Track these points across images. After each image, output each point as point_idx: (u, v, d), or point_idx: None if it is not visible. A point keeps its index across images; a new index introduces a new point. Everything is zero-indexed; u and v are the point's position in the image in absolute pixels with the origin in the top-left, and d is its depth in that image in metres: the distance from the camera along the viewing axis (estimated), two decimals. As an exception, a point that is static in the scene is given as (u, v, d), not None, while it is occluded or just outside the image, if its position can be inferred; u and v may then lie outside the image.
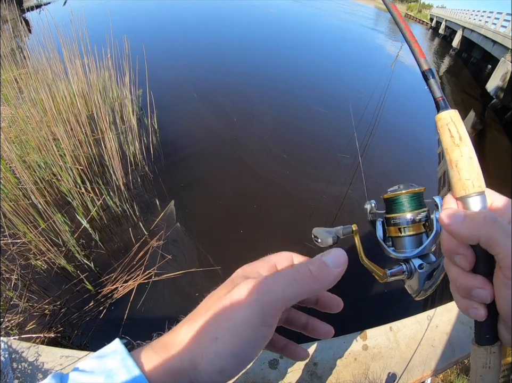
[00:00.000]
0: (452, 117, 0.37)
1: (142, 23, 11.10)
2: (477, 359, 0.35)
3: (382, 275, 0.45)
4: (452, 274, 0.35)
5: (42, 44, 4.06)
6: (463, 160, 0.35)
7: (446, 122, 0.37)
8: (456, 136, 0.36)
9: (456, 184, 0.35)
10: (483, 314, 0.33)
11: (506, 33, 12.18)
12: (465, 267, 0.33)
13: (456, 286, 0.34)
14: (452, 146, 0.36)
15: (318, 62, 10.53)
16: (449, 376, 2.42)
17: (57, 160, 3.32)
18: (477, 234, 0.31)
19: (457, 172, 0.35)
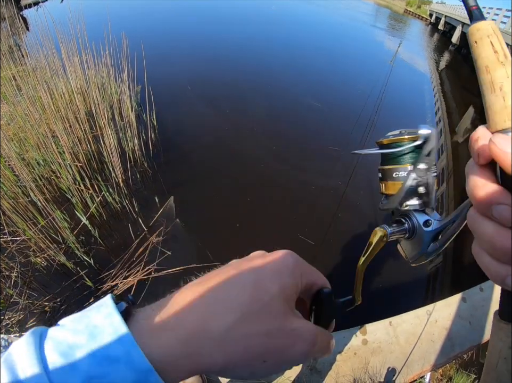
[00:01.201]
0: (494, 29, 0.29)
1: (140, 20, 11.06)
2: (503, 338, 0.29)
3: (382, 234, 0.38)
4: (487, 233, 0.27)
5: (40, 41, 4.05)
6: (509, 83, 0.27)
7: (488, 33, 0.29)
8: (500, 52, 0.28)
9: (499, 113, 0.27)
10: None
11: (506, 29, 12.15)
12: (509, 222, 0.25)
13: (493, 247, 0.27)
14: (495, 63, 0.28)
15: (315, 57, 10.51)
16: (449, 371, 2.43)
17: (56, 157, 3.32)
18: None
19: (502, 97, 0.27)
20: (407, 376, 2.25)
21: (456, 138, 7.20)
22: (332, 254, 3.46)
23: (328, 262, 3.35)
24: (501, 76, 0.27)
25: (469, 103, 9.95)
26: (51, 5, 7.47)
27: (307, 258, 1.23)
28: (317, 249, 3.45)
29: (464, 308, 2.59)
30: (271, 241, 3.50)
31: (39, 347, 0.24)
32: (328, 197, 4.27)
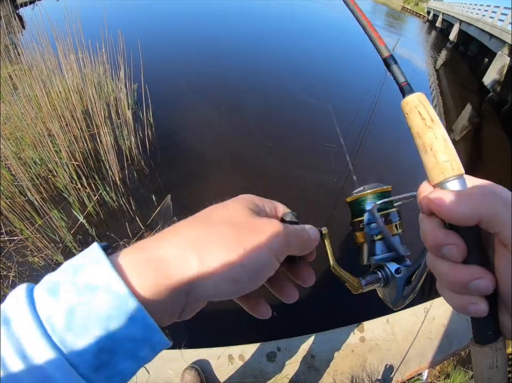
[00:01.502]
0: (419, 99, 0.34)
1: (136, 17, 11.02)
2: (481, 360, 0.31)
3: (357, 286, 0.42)
4: (441, 270, 0.30)
5: (36, 40, 4.02)
6: (438, 142, 0.32)
7: (415, 105, 0.34)
8: (427, 118, 0.33)
9: (433, 169, 0.32)
10: (485, 308, 0.29)
11: (504, 27, 12.17)
12: (457, 258, 0.29)
13: (448, 282, 0.30)
14: (424, 129, 0.33)
15: (311, 54, 10.51)
16: (447, 368, 2.44)
17: (52, 156, 3.31)
18: (478, 212, 0.27)
19: (433, 155, 0.32)
20: (404, 374, 2.26)
21: (453, 135, 7.22)
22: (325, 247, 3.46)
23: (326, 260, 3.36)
24: (430, 138, 0.32)
25: (467, 101, 9.97)
26: (47, 3, 7.43)
27: None
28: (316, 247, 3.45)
29: (461, 305, 2.59)
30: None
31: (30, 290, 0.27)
32: (323, 193, 4.29)
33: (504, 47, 10.96)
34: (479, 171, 6.02)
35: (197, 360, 2.10)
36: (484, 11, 16.48)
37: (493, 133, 8.36)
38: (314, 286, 1.81)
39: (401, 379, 2.24)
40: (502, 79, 10.23)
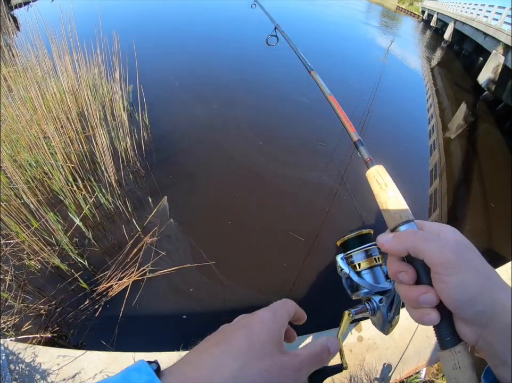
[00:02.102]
0: (377, 170, 0.46)
1: (131, 18, 10.99)
2: (446, 363, 0.37)
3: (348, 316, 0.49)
4: (401, 292, 0.40)
5: (30, 41, 4.00)
6: (390, 200, 0.43)
7: (374, 175, 0.46)
8: (382, 183, 0.45)
9: (388, 219, 0.42)
10: (436, 316, 0.36)
11: (498, 26, 12.22)
12: (409, 281, 0.38)
13: (406, 300, 0.39)
14: (380, 191, 0.44)
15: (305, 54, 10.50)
16: (444, 365, 2.45)
17: (48, 158, 3.29)
18: (404, 245, 0.38)
19: (387, 209, 0.43)
20: (403, 372, 2.27)
21: (448, 134, 7.25)
22: (321, 249, 3.48)
23: (317, 258, 3.37)
24: (384, 197, 0.44)
25: (462, 100, 10.01)
26: (42, 5, 7.39)
27: (298, 254, 1.22)
28: (307, 245, 3.47)
29: (458, 303, 2.61)
30: (262, 238, 3.54)
31: None
32: (314, 191, 4.31)
33: (499, 45, 11.01)
34: (475, 169, 6.05)
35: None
36: (479, 11, 16.51)
37: (488, 132, 8.40)
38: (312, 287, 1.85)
39: (399, 378, 2.24)
40: (497, 78, 10.28)
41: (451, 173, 5.63)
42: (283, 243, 3.50)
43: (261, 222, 3.74)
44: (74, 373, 1.99)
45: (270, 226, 3.69)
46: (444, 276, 0.34)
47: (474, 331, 0.35)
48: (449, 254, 0.35)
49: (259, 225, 3.70)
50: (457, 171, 5.86)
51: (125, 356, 2.11)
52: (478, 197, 5.20)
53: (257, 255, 3.34)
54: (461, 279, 0.34)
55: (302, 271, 3.19)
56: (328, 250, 3.45)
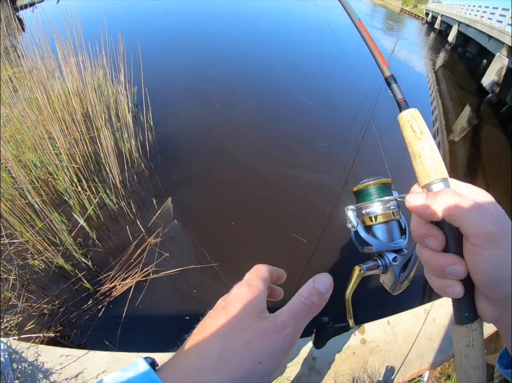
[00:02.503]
0: (412, 115, 0.40)
1: (136, 20, 11.03)
2: (459, 339, 0.35)
3: (359, 272, 0.48)
4: (424, 258, 0.36)
5: (36, 42, 4.03)
6: (425, 151, 0.38)
7: (408, 119, 0.40)
8: (417, 131, 0.39)
9: (421, 173, 0.38)
10: (460, 290, 0.34)
11: (502, 28, 12.18)
12: (436, 248, 0.35)
13: (430, 268, 0.36)
14: (414, 140, 0.39)
15: (309, 56, 10.52)
16: (447, 369, 2.44)
17: (53, 159, 3.31)
18: (440, 209, 0.33)
19: (421, 162, 0.38)
20: (405, 375, 2.26)
21: (452, 136, 7.23)
22: (324, 250, 3.48)
23: (321, 259, 3.37)
24: (419, 148, 0.38)
25: (466, 102, 9.98)
26: (47, 6, 7.45)
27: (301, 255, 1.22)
28: (309, 247, 3.47)
29: (461, 306, 2.60)
30: (265, 239, 3.55)
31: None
32: (315, 192, 4.32)
33: (503, 48, 10.97)
34: (479, 172, 6.02)
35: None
36: (483, 13, 16.44)
37: (492, 134, 8.37)
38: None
39: (402, 380, 2.24)
40: (501, 80, 10.24)
41: (454, 176, 5.55)
42: (285, 244, 3.50)
43: (263, 223, 3.75)
44: (77, 372, 2.00)
45: (272, 228, 3.70)
46: (482, 249, 0.31)
47: (496, 311, 0.33)
48: (492, 226, 0.31)
49: (262, 227, 3.71)
50: (462, 173, 5.84)
51: (128, 356, 2.12)
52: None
53: (260, 256, 3.34)
54: (498, 255, 0.31)
55: (304, 272, 3.19)
56: (331, 252, 3.45)
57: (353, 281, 0.47)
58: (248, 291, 0.36)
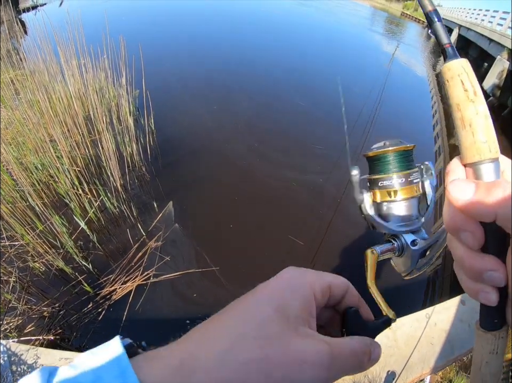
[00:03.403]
0: (464, 67, 0.31)
1: (138, 22, 11.08)
2: (483, 345, 0.32)
3: (372, 254, 0.41)
4: (458, 254, 0.30)
5: (38, 45, 4.04)
6: (478, 119, 0.29)
7: (458, 72, 0.31)
8: (470, 90, 0.30)
9: (470, 148, 0.29)
10: (495, 298, 0.29)
11: (503, 31, 12.21)
12: (473, 246, 0.28)
13: (464, 267, 0.30)
14: (465, 101, 0.30)
15: (310, 60, 10.53)
16: (449, 373, 2.43)
17: (54, 161, 3.31)
18: (494, 211, 0.26)
19: (472, 133, 0.29)
20: (407, 379, 2.24)
21: (453, 140, 7.22)
22: (324, 253, 3.48)
23: (322, 262, 3.36)
24: (470, 113, 0.29)
25: (467, 106, 9.96)
26: (50, 9, 7.49)
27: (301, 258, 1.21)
28: (308, 249, 3.48)
29: (463, 310, 2.59)
30: (264, 242, 3.56)
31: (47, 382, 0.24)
32: (308, 193, 4.35)
33: (504, 51, 10.99)
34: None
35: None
36: (483, 16, 16.53)
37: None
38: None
39: (403, 385, 2.22)
40: (502, 83, 10.25)
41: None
42: (284, 247, 3.49)
43: (261, 226, 3.76)
44: (77, 376, 1.99)
45: (270, 230, 3.71)
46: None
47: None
48: None
49: (261, 229, 3.72)
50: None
51: (128, 360, 2.11)
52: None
53: (260, 260, 3.33)
54: None
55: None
56: (330, 254, 3.45)
57: (370, 267, 0.40)
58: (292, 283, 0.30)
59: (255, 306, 0.28)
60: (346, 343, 0.29)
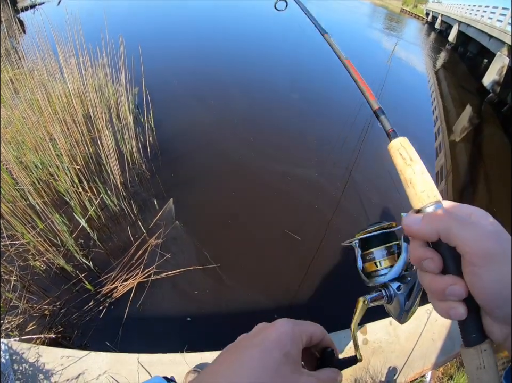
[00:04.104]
0: (401, 143, 0.42)
1: (137, 20, 11.06)
2: (469, 362, 0.34)
3: (363, 303, 0.47)
4: (425, 282, 0.36)
5: (37, 44, 4.03)
6: (416, 177, 0.39)
7: (397, 148, 0.41)
8: (407, 158, 0.40)
9: (414, 198, 0.38)
10: (463, 311, 0.33)
11: (503, 27, 12.17)
12: (434, 270, 0.34)
13: (431, 292, 0.35)
14: (404, 167, 0.40)
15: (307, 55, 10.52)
16: (450, 369, 2.43)
17: (54, 160, 3.31)
18: (436, 229, 0.33)
19: (413, 187, 0.38)
20: (408, 375, 2.25)
21: (453, 137, 7.22)
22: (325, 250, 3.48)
23: (322, 259, 3.36)
24: (409, 174, 0.39)
25: (466, 102, 9.97)
26: (48, 8, 7.46)
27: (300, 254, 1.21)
28: (304, 245, 3.48)
29: (464, 306, 2.59)
30: (264, 238, 3.57)
31: None
32: (302, 186, 4.36)
33: (503, 47, 10.96)
34: (480, 172, 6.01)
35: (200, 363, 2.09)
36: (483, 12, 16.45)
37: (493, 134, 8.35)
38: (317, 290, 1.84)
39: (404, 381, 2.23)
40: (502, 80, 10.24)
41: (456, 176, 5.60)
42: (283, 243, 3.50)
43: (260, 221, 3.78)
44: (78, 373, 2.00)
45: (270, 226, 3.72)
46: (480, 268, 0.30)
47: (504, 330, 0.32)
48: (489, 243, 0.30)
49: (259, 225, 3.73)
50: (463, 174, 5.83)
51: (129, 357, 2.11)
52: (484, 200, 5.17)
53: (261, 257, 3.34)
54: (499, 273, 0.30)
55: (307, 273, 3.19)
56: (331, 250, 3.45)
57: (357, 313, 0.46)
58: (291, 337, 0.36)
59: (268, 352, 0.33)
60: (325, 374, 0.37)
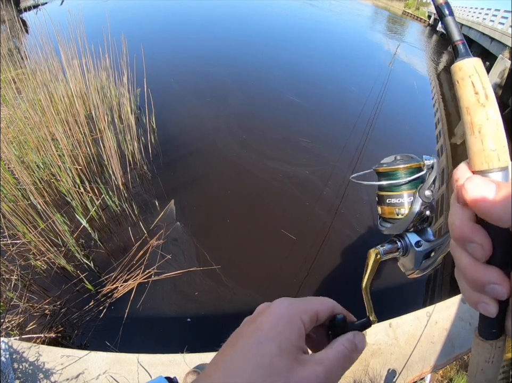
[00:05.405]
0: (475, 66, 0.28)
1: (139, 22, 11.07)
2: (480, 353, 0.32)
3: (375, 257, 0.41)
4: (462, 263, 0.29)
5: (39, 44, 4.05)
6: (489, 125, 0.27)
7: (469, 73, 0.28)
8: (481, 93, 0.27)
9: (478, 155, 0.28)
10: (495, 311, 0.28)
11: (504, 30, 12.17)
12: (480, 258, 0.27)
13: (466, 277, 0.29)
14: (475, 105, 0.28)
15: (311, 59, 10.52)
16: (449, 372, 2.43)
17: (55, 160, 3.32)
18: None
19: (481, 139, 0.27)
20: (407, 378, 2.25)
21: (455, 139, 7.21)
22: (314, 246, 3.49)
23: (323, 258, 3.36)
24: (480, 118, 0.27)
25: (468, 105, 9.93)
26: (51, 8, 7.50)
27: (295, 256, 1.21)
28: (299, 244, 3.49)
29: (464, 309, 2.59)
30: (263, 239, 3.59)
31: None
32: (293, 184, 4.38)
33: (505, 50, 10.96)
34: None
35: (200, 364, 2.10)
36: (485, 15, 16.45)
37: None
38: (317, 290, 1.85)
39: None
40: (503, 82, 10.23)
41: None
42: (281, 242, 3.50)
43: (257, 222, 3.80)
44: (78, 373, 2.00)
45: (266, 225, 3.73)
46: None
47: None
48: None
49: (257, 225, 3.75)
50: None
51: (129, 357, 2.12)
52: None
53: (259, 257, 3.34)
54: None
55: (308, 273, 3.19)
56: (332, 250, 3.45)
57: (369, 269, 0.40)
58: (288, 317, 0.32)
59: (260, 345, 0.30)
60: (335, 352, 0.32)
